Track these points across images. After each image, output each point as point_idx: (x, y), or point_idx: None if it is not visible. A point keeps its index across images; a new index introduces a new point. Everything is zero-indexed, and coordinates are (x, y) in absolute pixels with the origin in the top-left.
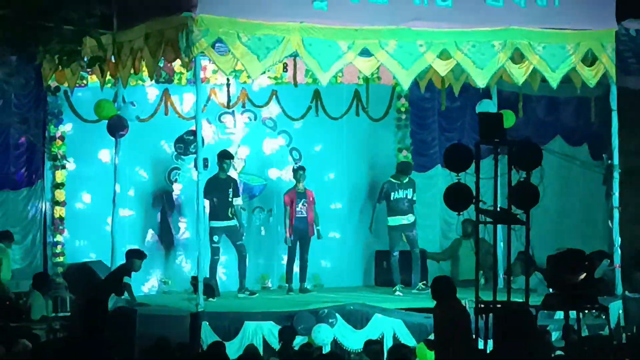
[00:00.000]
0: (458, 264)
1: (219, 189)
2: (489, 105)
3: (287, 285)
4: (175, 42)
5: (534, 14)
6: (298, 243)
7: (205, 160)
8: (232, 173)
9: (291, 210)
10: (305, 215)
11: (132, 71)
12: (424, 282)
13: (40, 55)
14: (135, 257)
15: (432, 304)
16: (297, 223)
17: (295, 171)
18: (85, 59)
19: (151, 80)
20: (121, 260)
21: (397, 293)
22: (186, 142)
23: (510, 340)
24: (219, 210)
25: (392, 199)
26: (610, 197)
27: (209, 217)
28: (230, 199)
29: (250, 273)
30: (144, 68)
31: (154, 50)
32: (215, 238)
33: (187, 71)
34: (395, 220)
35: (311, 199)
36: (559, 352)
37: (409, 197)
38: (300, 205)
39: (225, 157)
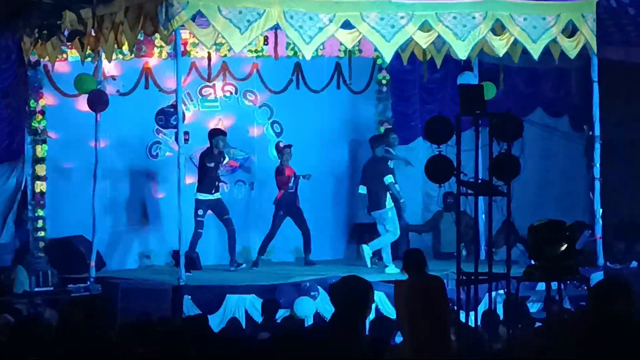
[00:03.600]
0: (440, 236)
1: (214, 163)
2: (470, 77)
3: (259, 257)
4: (155, 15)
5: None
6: (288, 218)
7: (186, 133)
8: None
9: (284, 185)
10: (294, 191)
11: (115, 46)
12: None
13: (20, 29)
14: (217, 134)
15: None
16: (287, 198)
17: (283, 148)
18: (66, 33)
19: (131, 54)
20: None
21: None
22: (167, 114)
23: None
24: (208, 183)
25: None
26: (592, 168)
27: (196, 189)
28: (218, 174)
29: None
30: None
31: (133, 24)
32: (200, 212)
33: (167, 45)
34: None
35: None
36: (539, 324)
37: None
38: (292, 181)
39: (218, 134)
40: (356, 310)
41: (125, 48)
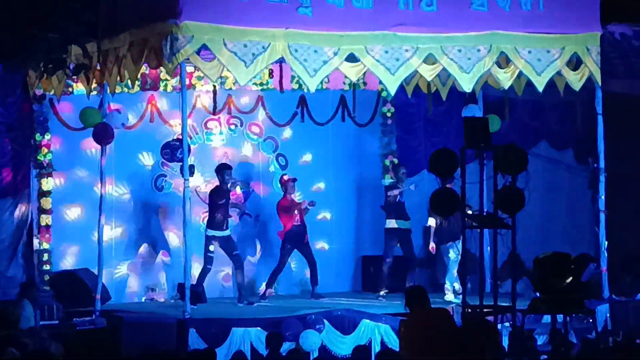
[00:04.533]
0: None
1: (224, 200)
2: (474, 110)
3: (267, 290)
4: (159, 49)
5: (519, 19)
6: (294, 251)
7: (192, 167)
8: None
9: (290, 219)
10: (300, 223)
11: (118, 79)
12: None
13: (26, 63)
14: (222, 169)
15: None
16: (295, 230)
17: (287, 182)
18: (71, 67)
19: (133, 87)
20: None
21: (380, 298)
22: (172, 148)
23: None
24: (219, 220)
25: (392, 201)
26: (597, 200)
27: (206, 226)
28: (228, 211)
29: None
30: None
31: (136, 58)
32: (211, 247)
33: (172, 78)
34: (391, 223)
35: (302, 206)
36: (544, 357)
37: (401, 199)
38: (296, 212)
39: (225, 168)
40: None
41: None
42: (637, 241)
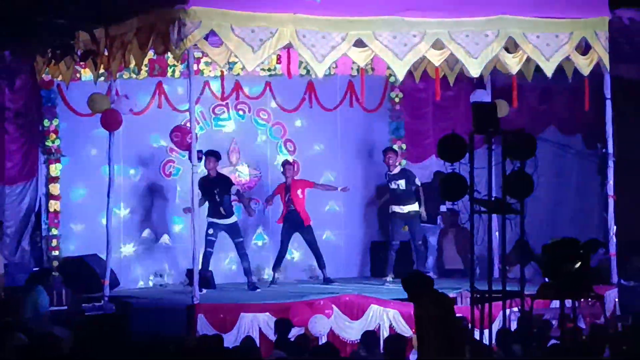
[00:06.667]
0: (442, 253)
1: (209, 189)
2: (482, 95)
3: (275, 275)
4: (166, 34)
5: (527, 3)
6: (293, 235)
7: (200, 152)
8: (226, 169)
9: (283, 203)
10: (294, 208)
11: (122, 64)
12: None
13: (34, 49)
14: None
15: None
16: (289, 215)
17: (284, 165)
18: (79, 53)
19: (139, 72)
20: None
21: (387, 284)
22: (182, 132)
23: None
24: (213, 209)
25: (390, 187)
26: (605, 186)
27: (207, 212)
28: (218, 199)
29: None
30: (133, 61)
31: (143, 43)
32: (210, 231)
33: (180, 64)
34: (394, 208)
35: (298, 191)
36: (554, 341)
37: (401, 187)
38: (287, 198)
39: (208, 154)
40: None
41: (132, 67)
42: None
